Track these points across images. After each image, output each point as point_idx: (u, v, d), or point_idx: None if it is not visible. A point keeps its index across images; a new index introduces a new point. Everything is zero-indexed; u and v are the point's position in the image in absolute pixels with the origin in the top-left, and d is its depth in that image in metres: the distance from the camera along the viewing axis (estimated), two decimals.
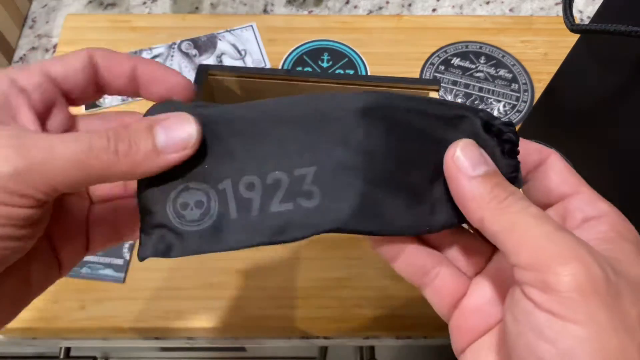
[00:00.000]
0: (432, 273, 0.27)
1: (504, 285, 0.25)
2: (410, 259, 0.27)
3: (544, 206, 0.26)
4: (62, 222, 0.26)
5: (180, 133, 0.23)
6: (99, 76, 0.26)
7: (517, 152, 0.26)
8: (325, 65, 0.61)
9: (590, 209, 0.24)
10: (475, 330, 0.25)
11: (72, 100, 0.26)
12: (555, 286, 0.19)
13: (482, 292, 0.26)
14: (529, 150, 0.26)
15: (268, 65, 0.61)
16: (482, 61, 0.61)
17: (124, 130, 0.22)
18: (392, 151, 0.26)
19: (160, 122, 0.23)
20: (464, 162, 0.24)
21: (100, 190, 0.28)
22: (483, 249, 0.27)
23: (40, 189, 0.21)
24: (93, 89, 0.26)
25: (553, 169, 0.26)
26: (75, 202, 0.27)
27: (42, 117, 0.25)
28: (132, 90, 0.27)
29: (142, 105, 0.58)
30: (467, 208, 0.24)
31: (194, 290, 0.48)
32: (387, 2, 0.67)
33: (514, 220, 0.22)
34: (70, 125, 0.26)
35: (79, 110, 0.58)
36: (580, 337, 0.19)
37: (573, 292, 0.19)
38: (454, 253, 0.27)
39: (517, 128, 0.54)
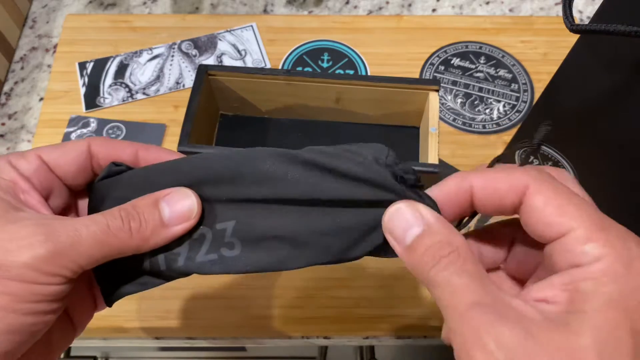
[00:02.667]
0: None
1: None
2: None
3: (543, 243, 0.23)
4: (73, 288, 0.27)
5: (182, 206, 0.26)
6: (99, 165, 0.28)
7: (421, 186, 0.26)
8: (325, 65, 0.61)
9: (573, 255, 0.21)
10: None
11: (68, 183, 0.28)
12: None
13: None
14: (499, 190, 0.23)
15: (268, 65, 0.61)
16: (482, 61, 0.61)
17: (133, 208, 0.25)
18: (308, 198, 0.28)
19: (163, 197, 0.26)
20: (395, 231, 0.24)
21: None
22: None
23: (69, 268, 0.23)
24: (90, 176, 0.29)
25: (532, 210, 0.22)
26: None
27: (45, 199, 0.27)
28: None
29: (141, 105, 0.58)
30: (414, 274, 0.23)
31: (194, 290, 0.48)
32: (387, 2, 0.67)
33: (436, 295, 0.22)
34: (70, 203, 0.29)
35: (80, 110, 0.58)
36: None
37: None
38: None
39: (516, 128, 0.54)
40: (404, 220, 0.24)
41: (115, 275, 0.29)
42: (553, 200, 0.22)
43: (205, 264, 0.28)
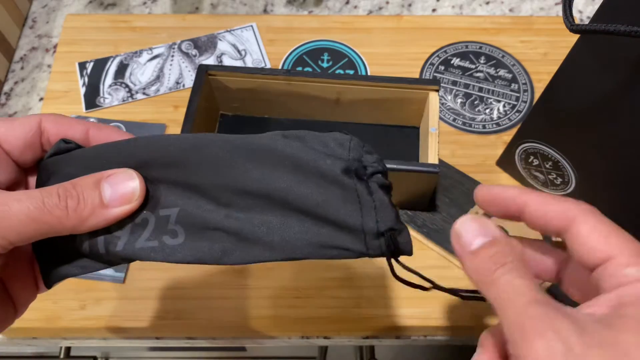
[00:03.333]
0: None
1: None
2: None
3: (587, 268, 0.25)
4: (11, 264, 0.27)
5: (124, 187, 0.25)
6: (48, 141, 0.28)
7: (389, 187, 0.28)
8: (325, 65, 0.61)
9: (617, 278, 0.24)
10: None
11: (15, 159, 0.28)
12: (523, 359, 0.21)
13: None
14: (549, 213, 0.26)
15: (268, 65, 0.61)
16: (482, 61, 0.61)
17: (73, 187, 0.25)
18: (256, 188, 0.27)
19: (106, 177, 0.25)
20: (464, 237, 0.26)
21: None
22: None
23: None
24: (39, 153, 0.28)
25: (578, 237, 0.25)
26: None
27: None
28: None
29: (141, 105, 0.58)
30: (470, 278, 0.26)
31: (194, 290, 0.48)
32: (387, 2, 0.67)
33: (496, 293, 0.24)
34: (19, 179, 0.28)
35: (80, 110, 0.58)
36: None
37: None
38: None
39: (516, 128, 0.54)
40: (473, 228, 0.26)
41: (55, 256, 0.28)
42: (597, 230, 0.25)
43: (145, 250, 0.27)
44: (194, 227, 0.27)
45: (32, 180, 0.29)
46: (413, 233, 0.50)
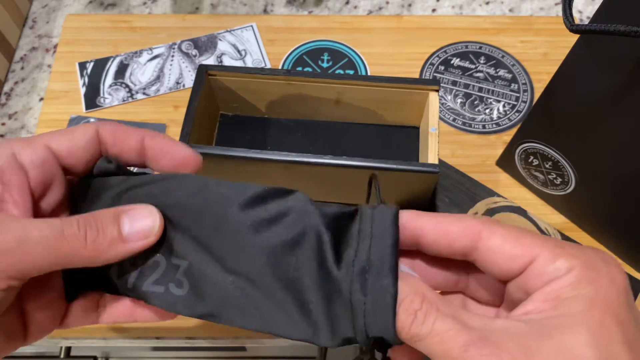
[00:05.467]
0: None
1: None
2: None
3: (506, 280, 0.24)
4: (38, 292, 0.26)
5: (144, 223, 0.25)
6: (106, 151, 0.27)
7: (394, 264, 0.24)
8: (325, 65, 0.61)
9: (546, 275, 0.22)
10: None
11: (72, 173, 0.27)
12: None
13: None
14: (450, 233, 0.24)
15: (268, 65, 0.61)
16: (481, 61, 0.61)
17: (93, 219, 0.24)
18: (264, 260, 0.26)
19: (127, 212, 0.25)
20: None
21: None
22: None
23: (10, 274, 0.22)
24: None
25: (491, 250, 0.23)
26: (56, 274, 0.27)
27: (40, 194, 0.25)
28: (139, 162, 0.28)
29: (142, 105, 0.58)
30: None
31: None
32: (387, 2, 0.67)
33: (425, 348, 0.22)
34: (65, 201, 0.27)
35: (80, 110, 0.58)
36: None
37: None
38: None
39: (516, 128, 0.54)
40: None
41: (76, 275, 0.28)
42: (509, 237, 0.23)
43: (149, 294, 0.27)
44: (197, 283, 0.27)
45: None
46: None
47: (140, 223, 0.25)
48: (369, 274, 0.24)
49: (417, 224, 0.24)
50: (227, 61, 0.61)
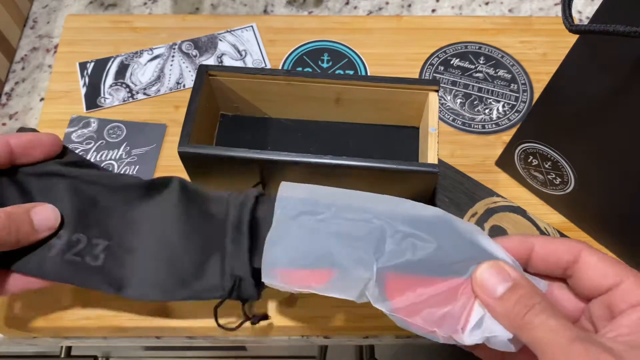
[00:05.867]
0: (507, 357, 0.31)
1: None
2: (485, 350, 0.31)
3: (591, 297, 0.28)
4: None
5: (48, 218, 0.37)
6: None
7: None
8: (325, 65, 0.61)
9: (632, 297, 0.26)
10: None
11: None
12: None
13: None
14: (559, 251, 0.29)
15: (268, 66, 0.61)
16: (481, 61, 0.61)
17: (10, 215, 0.34)
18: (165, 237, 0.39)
19: (33, 210, 0.36)
20: (487, 285, 0.28)
21: None
22: None
23: None
24: None
25: (588, 266, 0.28)
26: None
27: None
28: (10, 162, 0.37)
29: (142, 105, 0.58)
30: (501, 323, 0.27)
31: None
32: (387, 3, 0.67)
33: (534, 336, 0.25)
34: None
35: (81, 110, 0.58)
36: None
37: None
38: None
39: (516, 128, 0.54)
40: (493, 275, 0.28)
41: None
42: (604, 259, 0.28)
43: (66, 262, 0.38)
44: (112, 259, 0.39)
45: None
46: None
47: (45, 218, 0.37)
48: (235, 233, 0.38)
49: (529, 242, 0.30)
50: (228, 61, 0.61)
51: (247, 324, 0.43)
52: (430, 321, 0.30)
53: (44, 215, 0.36)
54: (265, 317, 0.45)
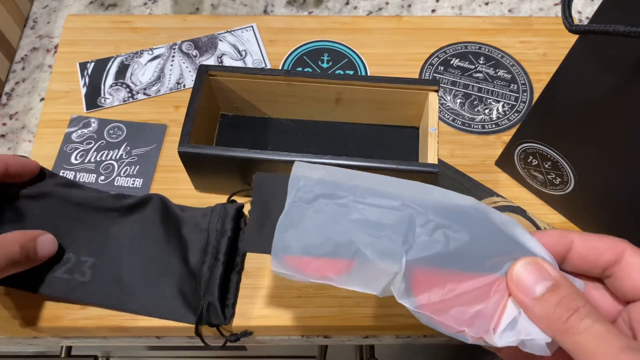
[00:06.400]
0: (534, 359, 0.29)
1: None
2: (512, 350, 0.28)
3: (633, 300, 0.26)
4: None
5: (49, 249, 0.44)
6: None
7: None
8: (325, 65, 0.61)
9: None
10: None
11: None
12: None
13: None
14: (600, 248, 0.27)
15: (268, 66, 0.61)
16: (481, 61, 0.61)
17: (24, 243, 0.42)
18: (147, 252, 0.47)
19: (38, 238, 0.43)
20: (525, 284, 0.26)
21: None
22: None
23: None
24: None
25: (632, 267, 0.26)
26: None
27: None
28: (1, 180, 0.44)
29: (142, 105, 0.58)
30: (539, 326, 0.25)
31: None
32: (387, 3, 0.67)
33: (578, 342, 0.23)
34: None
35: (81, 110, 0.58)
36: None
37: None
38: None
39: (516, 128, 0.54)
40: (531, 273, 0.26)
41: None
42: None
43: (57, 279, 0.45)
44: (100, 275, 0.46)
45: None
46: None
47: (47, 247, 0.44)
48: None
49: (568, 238, 0.27)
50: (228, 61, 0.61)
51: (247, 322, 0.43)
52: (460, 320, 0.28)
53: (46, 245, 0.44)
54: (246, 333, 0.46)
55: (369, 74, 0.60)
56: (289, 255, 0.30)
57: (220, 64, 0.61)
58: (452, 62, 0.61)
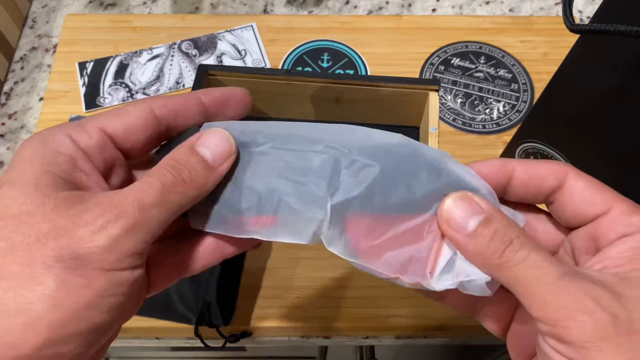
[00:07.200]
0: (478, 304, 0.28)
1: None
2: (455, 297, 0.27)
3: (574, 227, 0.25)
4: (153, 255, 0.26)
5: (219, 145, 0.25)
6: (169, 127, 0.26)
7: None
8: (325, 65, 0.61)
9: (621, 227, 0.23)
10: (527, 352, 0.25)
11: (131, 156, 0.26)
12: (567, 339, 0.20)
13: (526, 318, 0.26)
14: (542, 174, 0.25)
15: (268, 65, 0.61)
16: (481, 61, 0.61)
17: (177, 162, 0.24)
18: None
19: (197, 142, 0.25)
20: (456, 220, 0.24)
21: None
22: None
23: (145, 241, 0.21)
24: (157, 142, 0.26)
25: (574, 191, 0.24)
26: None
27: (105, 178, 0.24)
28: (206, 120, 0.28)
29: None
30: (474, 263, 0.24)
31: None
32: (387, 2, 0.67)
33: (515, 275, 0.22)
34: (129, 180, 0.26)
35: (80, 110, 0.58)
36: None
37: (584, 342, 0.20)
38: None
39: (516, 128, 0.54)
40: (462, 208, 0.24)
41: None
42: (592, 184, 0.24)
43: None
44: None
45: (138, 174, 0.27)
46: None
47: (216, 146, 0.25)
48: None
49: (509, 166, 0.26)
50: (227, 61, 0.61)
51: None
52: (393, 266, 0.26)
53: (213, 141, 0.25)
54: (245, 334, 0.46)
55: (369, 74, 0.60)
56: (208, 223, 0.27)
57: (220, 64, 0.61)
58: (452, 62, 0.61)
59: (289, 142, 0.27)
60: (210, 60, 0.61)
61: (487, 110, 0.58)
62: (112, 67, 0.60)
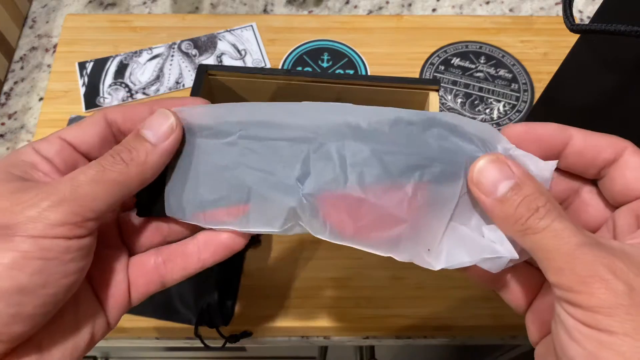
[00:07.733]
0: (504, 277, 0.28)
1: None
2: (479, 268, 0.27)
3: (621, 203, 0.25)
4: (103, 274, 0.27)
5: (161, 123, 0.26)
6: (122, 131, 0.28)
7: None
8: (325, 65, 0.61)
9: None
10: (548, 325, 0.26)
11: (92, 158, 0.28)
12: (579, 303, 0.20)
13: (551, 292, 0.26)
14: (600, 145, 0.25)
15: (268, 65, 0.61)
16: (482, 61, 0.61)
17: (119, 146, 0.26)
18: None
19: (141, 126, 0.27)
20: (485, 184, 0.24)
21: (139, 240, 0.29)
22: None
23: (78, 213, 0.23)
24: (112, 144, 0.28)
25: (627, 166, 0.24)
26: (112, 254, 0.28)
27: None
28: None
29: None
30: (500, 227, 0.24)
31: None
32: (387, 2, 0.67)
33: (536, 242, 0.22)
34: None
35: (80, 110, 0.58)
36: (606, 342, 0.20)
37: (595, 307, 0.20)
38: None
39: None
40: (494, 172, 0.24)
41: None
42: None
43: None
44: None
45: None
46: None
47: (158, 125, 0.26)
48: None
49: (567, 132, 0.26)
50: (227, 61, 0.61)
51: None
52: (383, 245, 0.25)
53: (155, 122, 0.26)
54: (245, 334, 0.46)
55: (369, 74, 0.60)
56: (182, 216, 0.28)
57: (220, 64, 0.61)
58: (452, 62, 0.61)
59: (261, 129, 0.27)
60: (210, 60, 0.61)
61: (487, 110, 0.58)
62: (112, 67, 0.60)
